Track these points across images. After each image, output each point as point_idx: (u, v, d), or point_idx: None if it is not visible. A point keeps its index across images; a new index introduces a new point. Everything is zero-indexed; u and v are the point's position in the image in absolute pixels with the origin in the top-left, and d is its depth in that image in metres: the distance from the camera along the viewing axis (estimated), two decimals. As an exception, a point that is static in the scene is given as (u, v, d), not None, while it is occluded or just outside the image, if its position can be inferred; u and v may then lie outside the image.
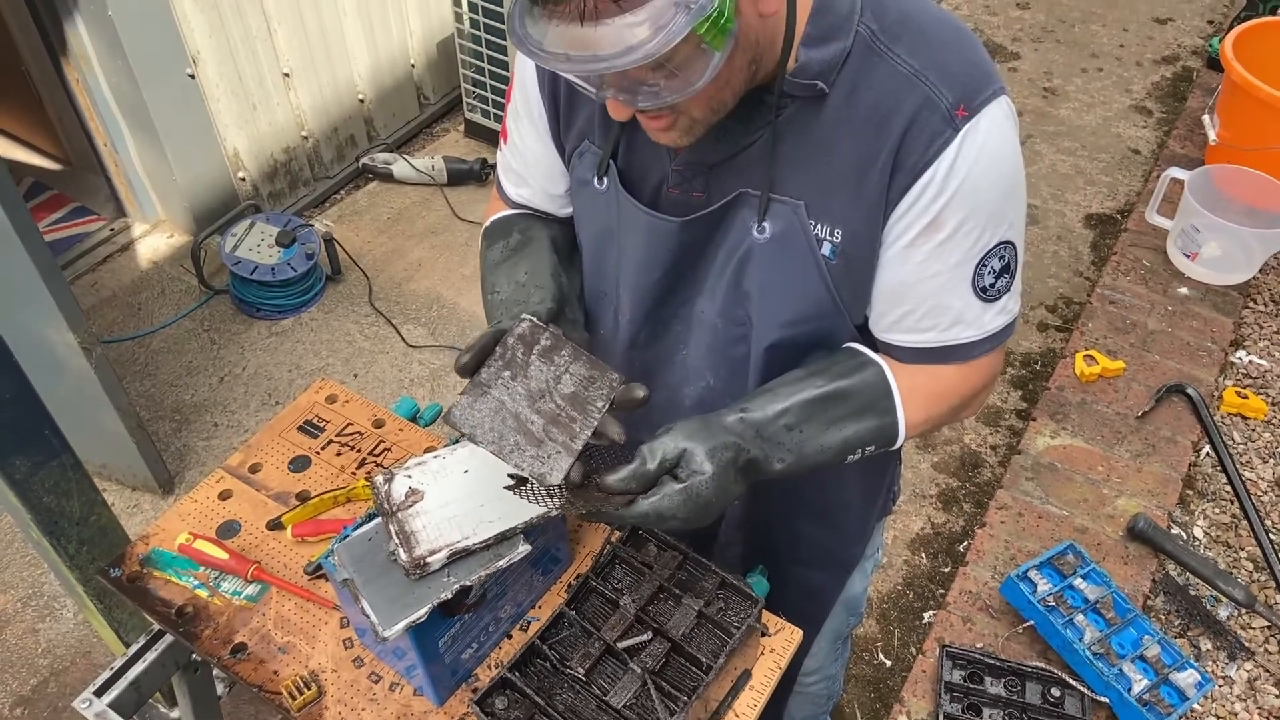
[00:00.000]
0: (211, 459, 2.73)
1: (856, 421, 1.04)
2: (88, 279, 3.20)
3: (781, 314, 1.08)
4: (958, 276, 1.00)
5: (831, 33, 0.94)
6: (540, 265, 1.19)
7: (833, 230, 1.01)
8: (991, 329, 1.05)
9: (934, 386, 1.08)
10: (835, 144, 0.97)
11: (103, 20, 2.70)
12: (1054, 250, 3.42)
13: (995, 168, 0.95)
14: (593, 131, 1.11)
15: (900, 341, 1.07)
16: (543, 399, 1.04)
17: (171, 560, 1.31)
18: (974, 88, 0.93)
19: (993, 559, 2.16)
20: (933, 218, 0.96)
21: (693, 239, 1.08)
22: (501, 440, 1.01)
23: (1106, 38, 4.46)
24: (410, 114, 3.82)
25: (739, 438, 0.99)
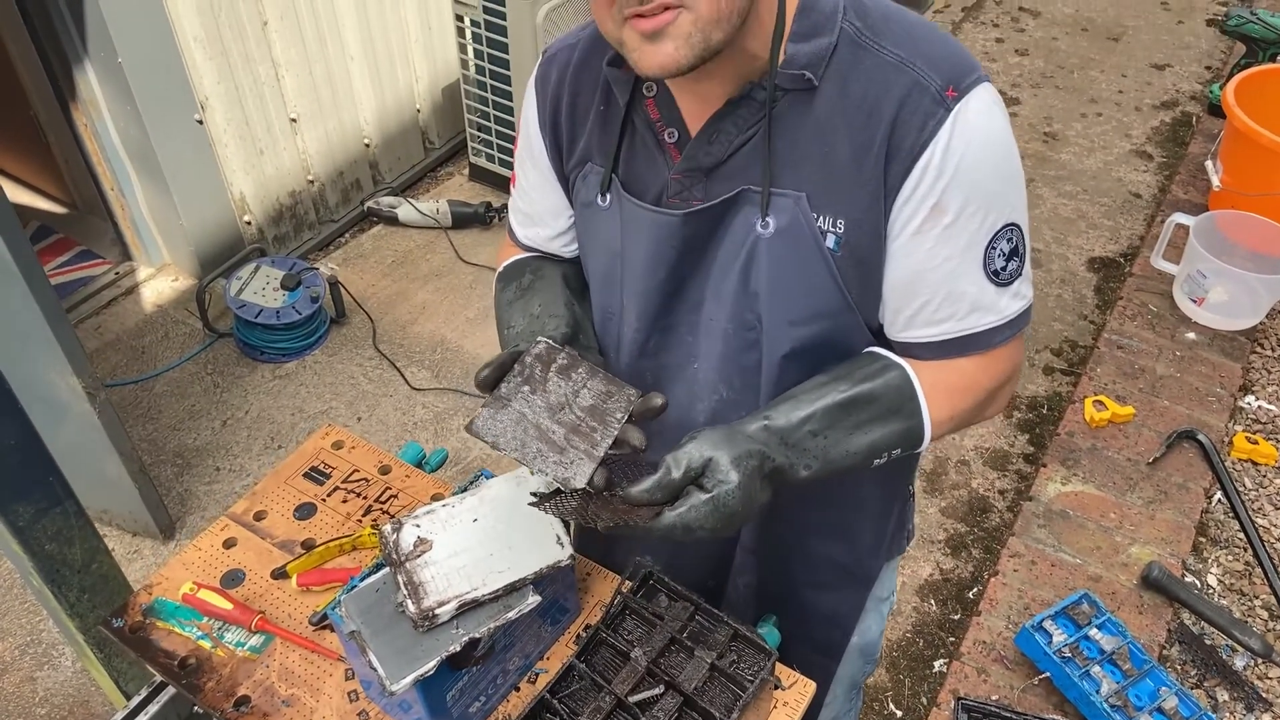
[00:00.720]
0: (213, 504, 2.70)
1: (882, 425, 1.04)
2: (92, 322, 3.20)
3: (791, 312, 1.07)
4: (969, 259, 1.00)
5: (816, 29, 0.97)
6: (553, 297, 1.20)
7: (835, 221, 1.01)
8: (1009, 314, 1.05)
9: (956, 381, 1.07)
10: (829, 135, 0.98)
11: (113, 67, 2.72)
12: (1058, 294, 3.42)
13: (991, 147, 0.97)
14: (593, 152, 1.13)
15: (919, 337, 1.07)
16: (562, 411, 1.04)
17: (175, 610, 1.29)
18: (959, 72, 0.96)
19: (1006, 608, 2.13)
20: (936, 200, 0.97)
21: (695, 235, 1.08)
22: (524, 448, 1.01)
23: (1105, 83, 4.50)
24: (415, 158, 3.84)
25: (764, 445, 0.98)
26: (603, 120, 1.11)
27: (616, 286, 1.18)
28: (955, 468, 2.82)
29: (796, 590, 1.40)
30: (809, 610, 1.41)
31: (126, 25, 2.65)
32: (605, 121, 1.11)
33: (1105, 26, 4.88)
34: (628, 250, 1.14)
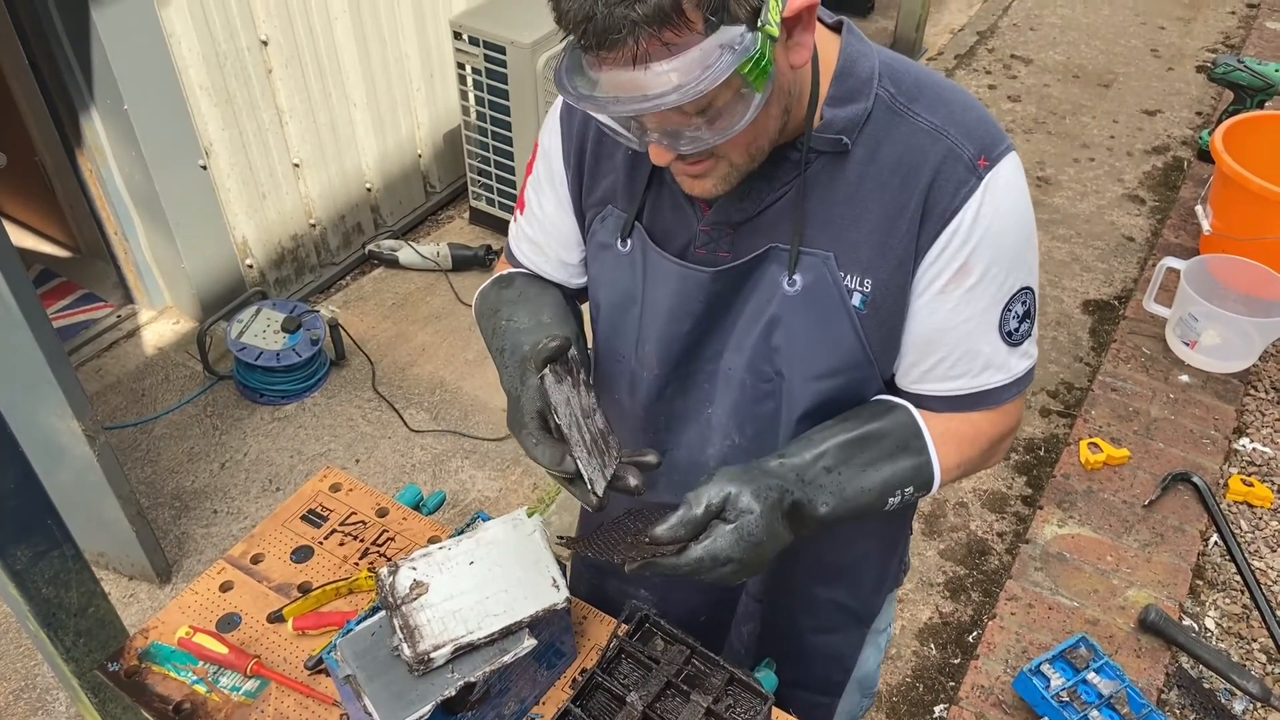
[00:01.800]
0: (210, 547, 2.70)
1: (892, 461, 1.07)
2: (93, 365, 3.22)
3: (812, 367, 1.09)
4: (986, 321, 1.05)
5: (853, 94, 1.00)
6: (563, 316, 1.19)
7: (862, 280, 1.04)
8: (1017, 373, 1.10)
9: (965, 431, 1.11)
10: (861, 197, 1.01)
11: (118, 114, 2.77)
12: (1053, 336, 3.44)
13: (1015, 214, 1.01)
14: (616, 196, 1.15)
15: (933, 391, 1.10)
16: (588, 419, 1.03)
17: (171, 654, 1.29)
18: (990, 141, 1.00)
19: (1004, 651, 2.12)
20: (962, 263, 1.01)
21: (722, 291, 1.10)
22: (572, 429, 0.99)
23: (1097, 129, 4.56)
24: (416, 201, 3.89)
25: (781, 480, 1.00)
26: (630, 166, 1.12)
27: (631, 331, 1.19)
28: (954, 510, 2.82)
29: (799, 635, 1.40)
30: (810, 652, 1.42)
31: (133, 74, 2.70)
32: (633, 168, 1.12)
33: (1096, 73, 4.96)
34: (649, 297, 1.15)
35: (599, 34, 0.82)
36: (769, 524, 0.97)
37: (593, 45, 0.83)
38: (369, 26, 3.31)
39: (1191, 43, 5.20)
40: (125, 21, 2.63)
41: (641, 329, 1.18)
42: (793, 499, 1.00)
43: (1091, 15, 5.46)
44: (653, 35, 0.81)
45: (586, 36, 0.83)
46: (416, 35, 3.51)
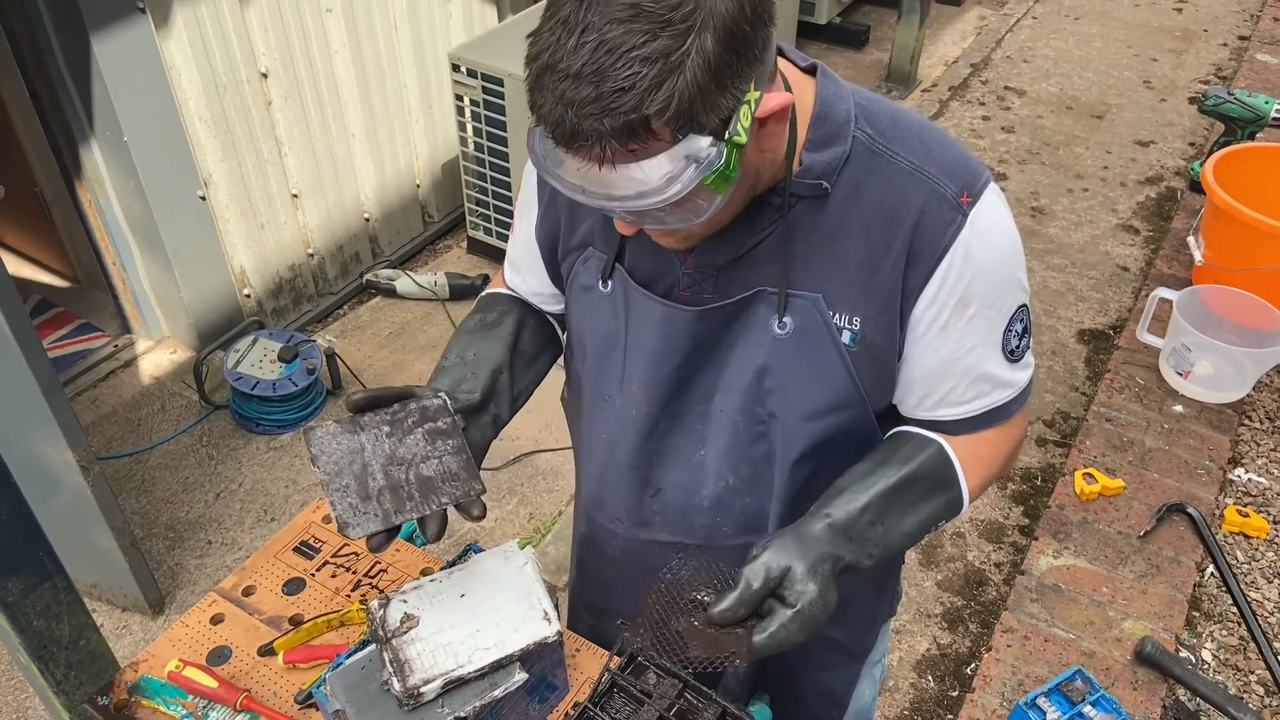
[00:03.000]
0: (204, 578, 2.69)
1: (930, 501, 1.10)
2: (89, 395, 3.22)
3: (806, 407, 1.11)
4: (990, 344, 1.07)
5: (831, 138, 1.01)
6: (488, 355, 1.23)
7: (851, 318, 1.05)
8: (1022, 384, 1.13)
9: (985, 451, 1.14)
10: (845, 238, 1.03)
11: (118, 146, 2.79)
12: (1049, 365, 3.45)
13: (1003, 242, 1.04)
14: (595, 238, 1.16)
15: (948, 416, 1.12)
16: (399, 466, 1.06)
17: (160, 688, 1.28)
18: (971, 177, 1.02)
19: (1000, 684, 2.11)
20: (959, 298, 1.03)
21: (709, 331, 1.11)
22: (336, 476, 1.04)
23: (1090, 160, 4.60)
24: (414, 231, 3.91)
25: (832, 546, 1.02)
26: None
27: (616, 372, 1.20)
28: (951, 540, 2.81)
29: (791, 672, 1.39)
30: (804, 689, 1.41)
31: (133, 105, 2.73)
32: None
33: (1089, 105, 5.00)
34: (633, 337, 1.16)
35: (568, 137, 0.84)
36: (825, 600, 0.99)
37: (562, 144, 0.85)
38: (368, 59, 3.35)
39: (1184, 74, 5.26)
40: (126, 53, 2.66)
41: (626, 369, 1.19)
42: (844, 563, 1.02)
43: (1084, 48, 5.52)
44: (619, 146, 0.83)
45: (556, 136, 0.85)
46: (415, 67, 3.54)
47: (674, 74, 0.80)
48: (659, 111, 0.81)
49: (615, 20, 0.79)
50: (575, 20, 0.80)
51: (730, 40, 0.82)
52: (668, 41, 0.79)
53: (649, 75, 0.79)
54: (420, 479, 1.06)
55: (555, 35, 0.82)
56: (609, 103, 0.80)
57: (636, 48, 0.79)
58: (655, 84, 0.80)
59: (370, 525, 1.02)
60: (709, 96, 0.82)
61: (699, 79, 0.81)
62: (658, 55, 0.79)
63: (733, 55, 0.82)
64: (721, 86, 0.83)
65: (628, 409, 1.21)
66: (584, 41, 0.80)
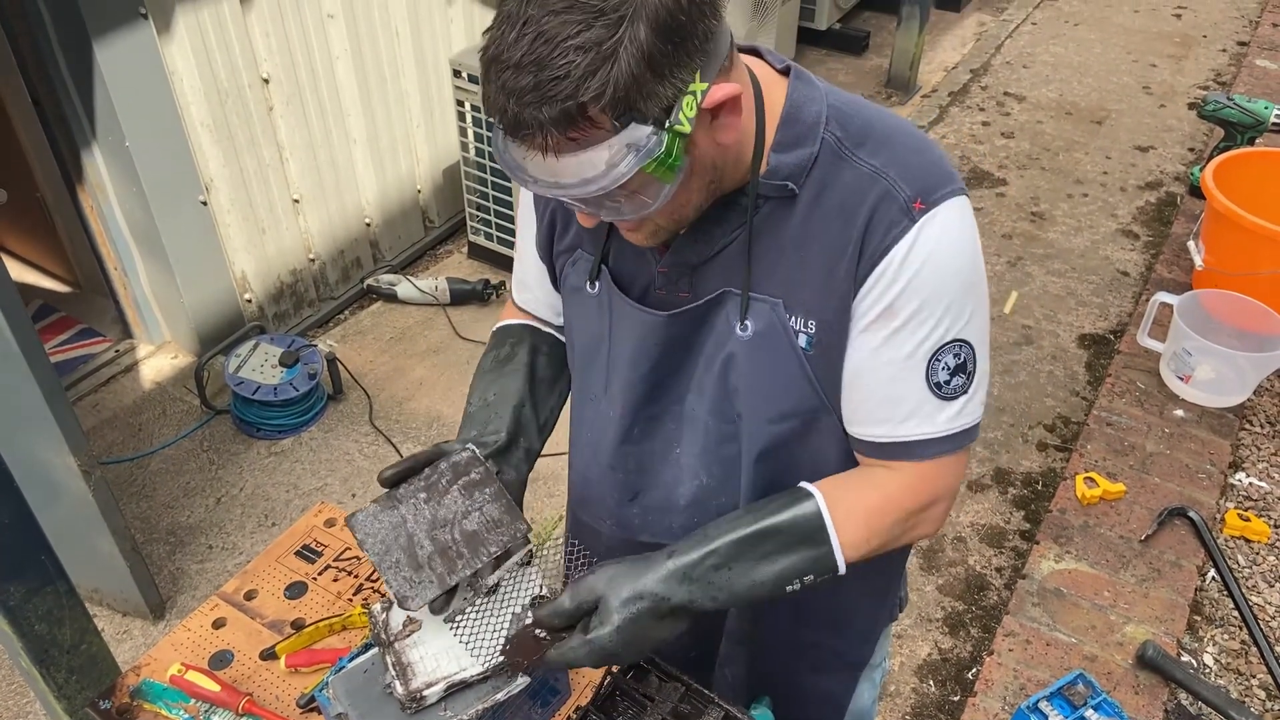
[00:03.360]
0: (205, 582, 2.69)
1: (788, 554, 1.06)
2: (90, 400, 3.22)
3: (768, 409, 1.11)
4: (910, 367, 1.02)
5: (799, 140, 1.01)
6: (508, 391, 1.26)
7: (807, 322, 1.05)
8: (947, 430, 1.05)
9: (876, 502, 1.08)
10: (806, 241, 1.02)
11: (120, 151, 2.80)
12: (1049, 370, 3.45)
13: (950, 261, 0.99)
14: (584, 240, 1.18)
15: (858, 434, 1.10)
16: (443, 529, 1.09)
17: (162, 692, 1.28)
18: (931, 185, 0.99)
19: (1002, 688, 2.11)
20: (887, 304, 1.00)
21: (680, 334, 1.12)
22: (385, 555, 1.07)
23: (1090, 165, 4.60)
24: (415, 236, 3.91)
25: (659, 586, 1.03)
26: None
27: (601, 371, 1.22)
28: (952, 545, 2.81)
29: (788, 676, 1.39)
30: (801, 693, 1.41)
31: (135, 111, 2.73)
32: None
33: (1089, 110, 5.01)
34: (615, 339, 1.17)
35: (512, 127, 0.88)
36: (626, 637, 1.01)
37: (509, 135, 0.89)
38: (369, 65, 3.36)
39: (1183, 80, 5.27)
40: (128, 59, 2.66)
41: (609, 370, 1.20)
42: (671, 604, 1.03)
43: (1083, 53, 5.53)
44: (559, 134, 0.86)
45: (503, 125, 0.89)
46: (416, 73, 3.55)
47: (607, 62, 0.83)
48: (594, 98, 0.84)
49: (552, 12, 0.83)
50: (517, 14, 0.85)
51: (665, 30, 0.84)
52: (601, 31, 0.83)
53: (583, 64, 0.83)
54: (465, 535, 1.08)
55: (500, 30, 0.86)
56: (547, 91, 0.84)
57: (571, 37, 0.83)
58: (589, 71, 0.83)
59: (429, 593, 1.05)
60: (645, 84, 0.85)
61: (632, 67, 0.83)
62: (591, 44, 0.83)
63: (668, 44, 0.85)
64: (658, 75, 0.85)
65: (609, 409, 1.23)
66: (524, 33, 0.84)
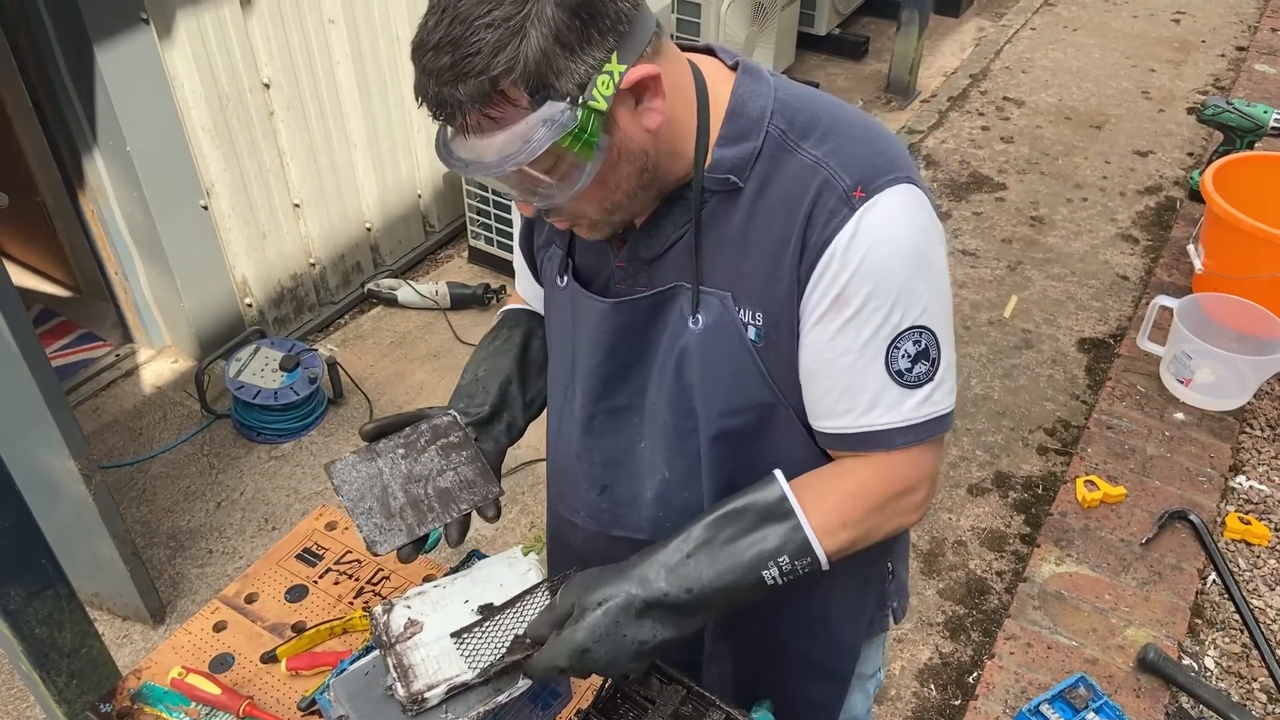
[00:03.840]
0: (205, 587, 2.69)
1: (754, 533, 1.04)
2: (91, 404, 3.22)
3: (721, 403, 1.11)
4: (868, 356, 1.02)
5: (743, 134, 1.03)
6: (497, 369, 1.31)
7: (754, 314, 1.06)
8: (914, 419, 1.05)
9: (847, 486, 1.08)
10: (751, 233, 1.04)
11: (121, 155, 2.80)
12: (1049, 374, 3.46)
13: (897, 247, 0.99)
14: (556, 236, 1.21)
15: (822, 428, 1.09)
16: (417, 483, 1.13)
17: (163, 695, 1.28)
18: (873, 173, 0.99)
19: (1003, 691, 2.10)
20: (838, 292, 1.00)
21: (631, 323, 1.13)
22: (359, 501, 1.11)
23: (1089, 169, 4.61)
24: (416, 241, 3.91)
25: (633, 581, 1.04)
26: None
27: (568, 364, 1.24)
28: (952, 549, 2.81)
29: (775, 679, 1.39)
30: (790, 698, 1.39)
31: (136, 116, 2.74)
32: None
33: (1088, 115, 5.02)
34: (577, 332, 1.20)
35: (436, 108, 0.92)
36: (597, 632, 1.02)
37: (437, 119, 0.93)
38: (370, 69, 3.36)
39: (1182, 85, 5.27)
40: (129, 64, 2.67)
41: (574, 363, 1.22)
42: (643, 599, 1.03)
43: (1082, 59, 5.54)
44: (478, 111, 0.89)
45: (430, 109, 0.92)
46: (416, 78, 3.55)
47: (515, 37, 0.87)
48: (505, 72, 0.87)
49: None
50: (439, 3, 0.89)
51: (573, 8, 0.88)
52: (509, 8, 0.87)
53: (492, 39, 0.87)
54: (439, 491, 1.12)
55: (426, 19, 0.90)
56: (461, 68, 0.88)
57: (482, 16, 0.87)
58: (499, 46, 0.87)
59: (396, 540, 1.09)
60: (554, 60, 0.88)
61: (541, 42, 0.87)
62: (500, 20, 0.86)
63: (578, 21, 0.88)
64: (568, 50, 0.88)
65: (571, 402, 1.25)
66: (443, 18, 0.88)
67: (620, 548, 1.28)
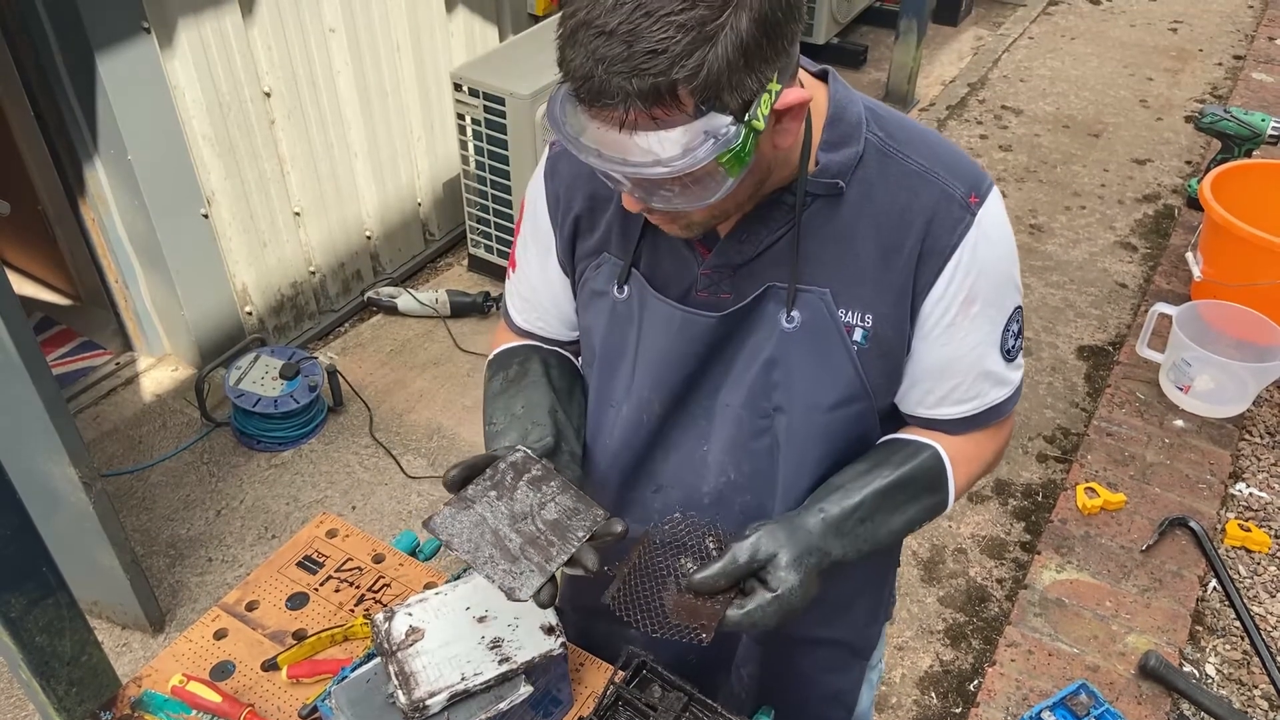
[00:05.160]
0: (204, 595, 2.68)
1: (917, 503, 1.14)
2: (90, 412, 3.22)
3: (813, 401, 1.12)
4: (990, 343, 1.11)
5: (845, 139, 1.05)
6: (537, 400, 1.23)
7: (863, 316, 1.08)
8: (1016, 383, 1.17)
9: (973, 452, 1.18)
10: (857, 236, 1.06)
11: (122, 164, 2.81)
12: (1049, 382, 3.46)
13: (1005, 243, 1.09)
14: (611, 243, 1.16)
15: (949, 415, 1.16)
16: (524, 521, 1.07)
17: (164, 703, 1.28)
18: (975, 180, 1.06)
19: (1004, 699, 2.10)
20: (966, 294, 1.06)
21: (725, 333, 1.13)
22: (477, 551, 1.04)
23: (1087, 177, 4.62)
24: (415, 249, 3.92)
25: (822, 541, 1.06)
26: (624, 214, 1.14)
27: (625, 378, 1.21)
28: (953, 556, 2.81)
29: (800, 675, 1.40)
30: (810, 692, 1.41)
31: (137, 125, 2.74)
32: (627, 216, 1.14)
33: (1086, 123, 5.03)
34: (647, 343, 1.17)
35: (593, 94, 0.85)
36: (805, 591, 1.04)
37: (586, 101, 0.86)
38: (371, 78, 3.37)
39: (1180, 93, 5.29)
40: (131, 73, 2.67)
41: (636, 374, 1.19)
42: (831, 558, 1.07)
43: (1080, 67, 5.56)
44: (643, 109, 0.84)
45: (582, 92, 0.86)
46: (417, 87, 3.57)
47: (707, 44, 0.82)
48: (687, 79, 0.82)
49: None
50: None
51: (763, 24, 0.84)
52: (704, 12, 0.81)
53: (682, 41, 0.81)
54: (549, 524, 1.08)
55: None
56: (639, 63, 0.81)
57: (674, 13, 0.81)
58: (687, 51, 0.81)
59: (534, 582, 1.03)
60: (736, 74, 0.84)
61: (729, 54, 0.83)
62: (694, 24, 0.81)
63: (764, 39, 0.84)
64: (749, 67, 0.85)
65: (636, 414, 1.22)
66: (622, 2, 0.81)
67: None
